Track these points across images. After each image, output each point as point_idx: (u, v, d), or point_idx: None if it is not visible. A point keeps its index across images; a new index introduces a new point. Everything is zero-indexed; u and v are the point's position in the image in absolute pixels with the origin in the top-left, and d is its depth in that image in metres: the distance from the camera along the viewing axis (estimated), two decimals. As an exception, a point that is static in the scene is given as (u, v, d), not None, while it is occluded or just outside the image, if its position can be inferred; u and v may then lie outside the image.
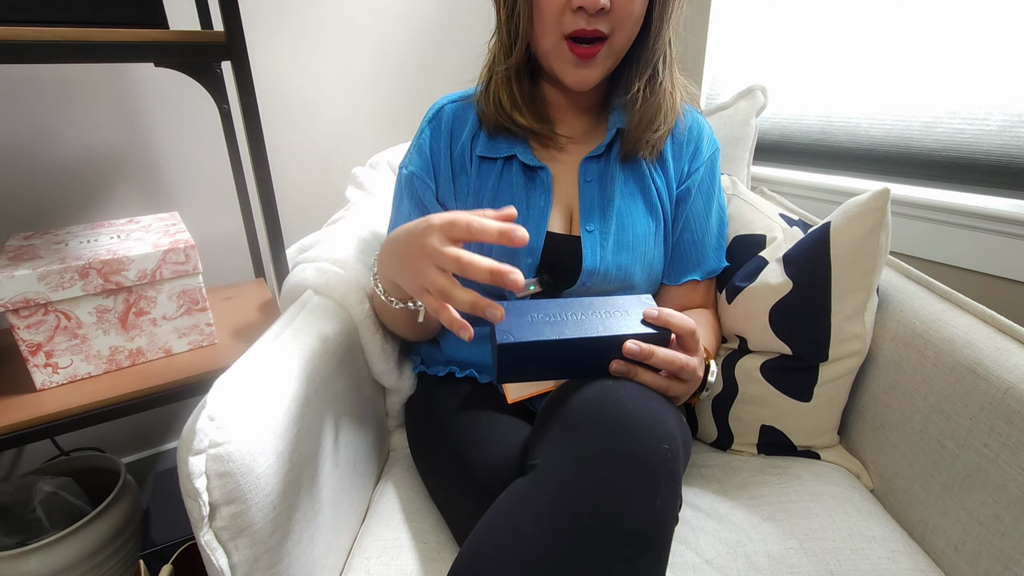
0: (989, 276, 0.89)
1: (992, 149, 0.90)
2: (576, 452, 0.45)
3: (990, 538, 0.53)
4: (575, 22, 0.57)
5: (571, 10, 0.57)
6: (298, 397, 0.53)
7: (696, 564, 0.57)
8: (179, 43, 0.70)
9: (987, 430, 0.54)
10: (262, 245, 1.13)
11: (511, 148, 0.69)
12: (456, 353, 0.73)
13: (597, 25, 0.57)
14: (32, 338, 0.72)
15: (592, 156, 0.69)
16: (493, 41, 0.69)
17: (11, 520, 0.88)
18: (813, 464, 0.70)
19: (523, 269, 0.67)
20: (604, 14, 0.57)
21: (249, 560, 0.46)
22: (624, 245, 0.68)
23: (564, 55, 0.60)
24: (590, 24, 0.57)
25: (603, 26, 0.58)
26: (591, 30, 0.58)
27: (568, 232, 0.69)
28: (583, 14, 0.57)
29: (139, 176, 1.08)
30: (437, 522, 0.63)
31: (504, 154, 0.69)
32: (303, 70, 1.18)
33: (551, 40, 0.60)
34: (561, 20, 0.58)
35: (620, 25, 0.59)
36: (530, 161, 0.68)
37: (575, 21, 0.57)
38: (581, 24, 0.57)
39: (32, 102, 0.96)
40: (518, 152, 0.68)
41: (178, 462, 0.44)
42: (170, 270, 0.78)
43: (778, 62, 1.17)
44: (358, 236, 0.82)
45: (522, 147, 0.69)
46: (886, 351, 0.67)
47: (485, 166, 0.70)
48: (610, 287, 0.68)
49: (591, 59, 0.60)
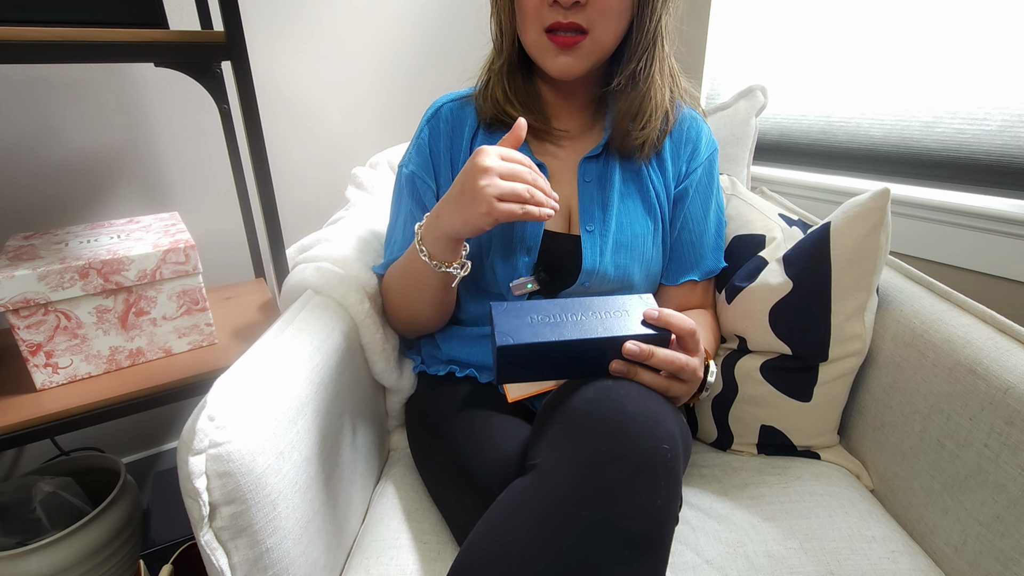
0: (989, 276, 0.89)
1: (992, 149, 0.90)
2: (576, 452, 0.45)
3: (990, 538, 0.53)
4: (552, 15, 0.59)
5: (547, 4, 0.59)
6: (298, 397, 0.53)
7: (696, 564, 0.57)
8: (179, 43, 0.70)
9: (987, 430, 0.54)
10: (262, 245, 1.13)
11: None
12: (456, 353, 0.73)
13: (573, 18, 0.59)
14: (32, 338, 0.72)
15: (591, 156, 0.69)
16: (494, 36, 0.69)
17: (11, 520, 0.88)
18: (813, 464, 0.70)
19: (520, 267, 0.67)
20: (580, 7, 0.58)
21: (249, 560, 0.46)
22: (623, 245, 0.68)
23: (544, 44, 0.62)
24: (566, 17, 0.59)
25: (579, 19, 0.59)
26: (567, 23, 0.59)
27: (567, 231, 0.69)
28: (558, 7, 0.59)
29: (139, 176, 1.08)
30: (437, 522, 0.63)
31: None
32: (303, 70, 1.18)
33: (533, 34, 0.62)
34: (540, 14, 0.60)
35: (600, 18, 0.59)
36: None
37: (552, 14, 0.59)
38: (557, 17, 0.59)
39: (32, 102, 0.96)
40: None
41: (178, 462, 0.44)
42: (170, 270, 0.78)
43: (778, 62, 1.17)
44: (358, 236, 0.82)
45: (521, 147, 0.69)
46: (886, 351, 0.67)
47: None
48: (609, 287, 0.68)
49: (571, 48, 0.61)
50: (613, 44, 0.63)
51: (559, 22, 0.59)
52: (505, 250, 0.67)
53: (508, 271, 0.67)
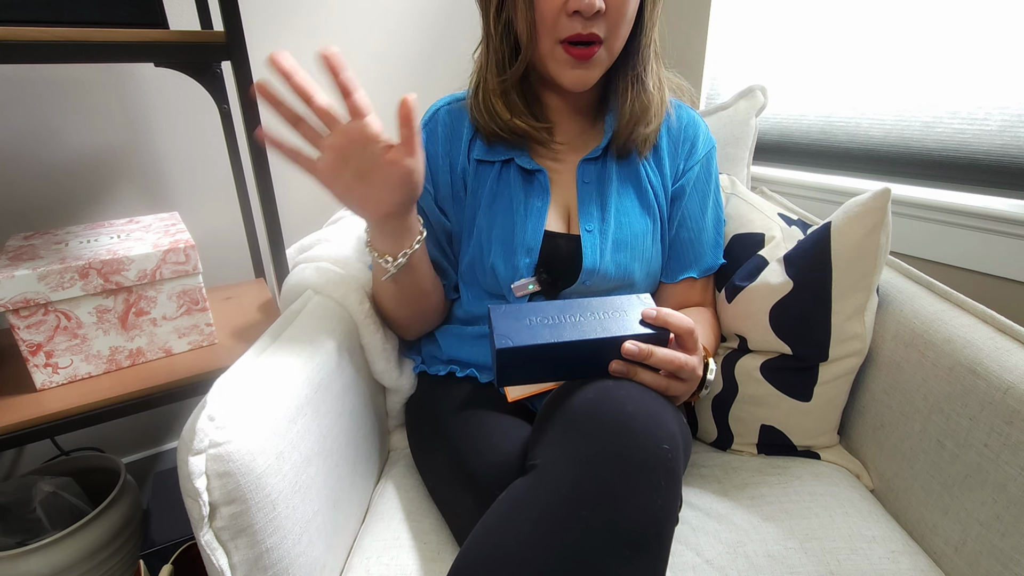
0: (989, 276, 0.89)
1: (992, 149, 0.90)
2: (576, 452, 0.45)
3: (990, 538, 0.53)
4: (571, 26, 0.57)
5: (567, 14, 0.57)
6: (298, 397, 0.53)
7: (696, 564, 0.57)
8: (179, 43, 0.70)
9: (987, 430, 0.54)
10: (262, 245, 1.13)
11: (509, 152, 0.69)
12: (456, 352, 0.73)
13: (593, 28, 0.57)
14: (32, 338, 0.72)
15: (589, 158, 0.69)
16: (479, 52, 0.68)
17: (11, 520, 0.88)
18: (813, 464, 0.70)
19: (521, 268, 0.67)
20: (600, 17, 0.57)
21: (249, 560, 0.46)
22: (623, 244, 0.68)
23: (560, 57, 0.60)
24: (586, 28, 0.57)
25: (599, 29, 0.58)
26: (587, 34, 0.57)
27: (567, 231, 0.69)
28: (579, 18, 0.57)
29: (139, 176, 1.08)
30: (437, 522, 0.63)
31: (502, 158, 0.69)
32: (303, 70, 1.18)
33: (547, 44, 0.60)
34: (556, 25, 0.58)
35: (615, 27, 0.59)
36: (527, 164, 0.68)
37: (571, 25, 0.57)
38: (577, 28, 0.57)
39: (32, 102, 0.96)
40: (515, 156, 0.68)
41: (178, 462, 0.44)
42: (170, 270, 0.78)
43: (778, 62, 1.17)
44: (358, 236, 0.82)
45: (519, 151, 0.69)
46: (886, 351, 0.67)
47: (482, 169, 0.70)
48: (610, 286, 0.68)
49: (588, 60, 0.60)
50: (618, 52, 0.63)
51: (579, 33, 0.57)
52: (506, 252, 0.67)
53: (509, 272, 0.67)
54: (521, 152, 0.69)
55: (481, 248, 0.68)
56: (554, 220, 0.68)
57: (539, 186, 0.68)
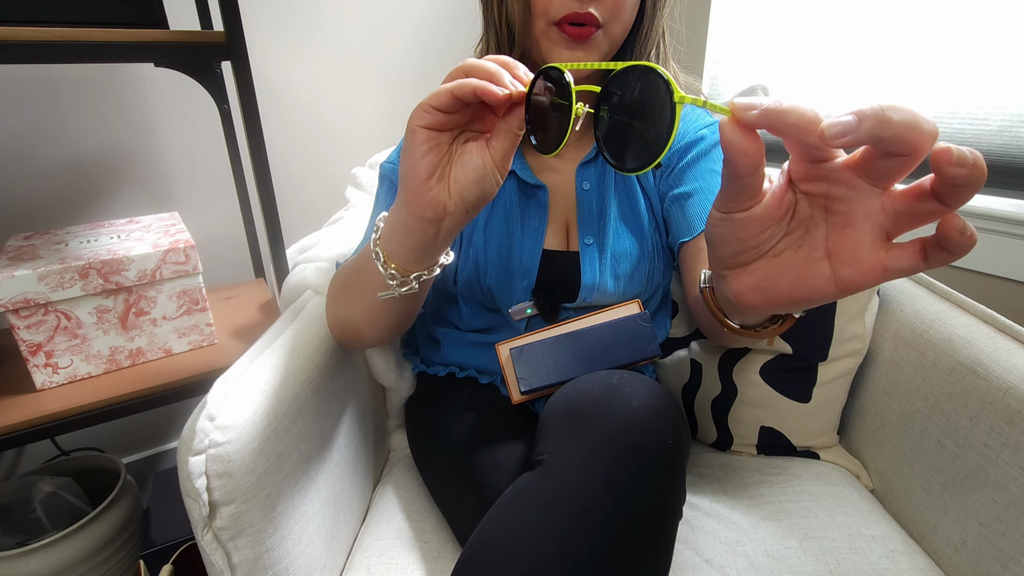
0: (989, 276, 0.89)
1: (992, 149, 0.90)
2: (583, 447, 0.45)
3: (990, 538, 0.53)
4: (566, 5, 0.55)
5: None
6: (298, 397, 0.53)
7: (696, 564, 0.57)
8: (179, 43, 0.70)
9: (987, 430, 0.54)
10: (262, 245, 1.13)
11: None
12: (455, 356, 0.72)
13: (591, 8, 0.56)
14: (32, 338, 0.72)
15: (588, 160, 0.68)
16: (480, 48, 0.67)
17: (11, 520, 0.88)
18: (813, 464, 0.70)
19: (518, 292, 0.65)
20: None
21: (249, 560, 0.46)
22: (622, 256, 0.66)
23: (554, 35, 0.58)
24: (582, 7, 0.55)
25: (597, 11, 0.56)
26: (584, 13, 0.55)
27: (565, 248, 0.67)
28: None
29: (139, 176, 1.08)
30: (438, 522, 0.63)
31: None
32: (303, 70, 1.18)
33: (541, 25, 0.58)
34: (551, 5, 0.56)
35: (615, 11, 0.57)
36: (529, 179, 0.66)
37: (566, 4, 0.55)
38: (573, 7, 0.55)
39: (32, 102, 0.96)
40: (516, 168, 0.66)
41: (178, 462, 0.44)
42: (170, 270, 0.78)
43: (778, 62, 1.17)
44: (358, 237, 0.82)
45: (519, 161, 0.67)
46: (886, 351, 0.67)
47: None
48: (610, 300, 0.66)
49: (584, 40, 0.58)
50: (620, 40, 0.61)
51: (576, 13, 0.55)
52: (502, 275, 0.65)
53: (507, 296, 0.66)
54: (521, 162, 0.67)
55: (477, 269, 0.67)
56: (552, 237, 0.67)
57: (537, 203, 0.66)
